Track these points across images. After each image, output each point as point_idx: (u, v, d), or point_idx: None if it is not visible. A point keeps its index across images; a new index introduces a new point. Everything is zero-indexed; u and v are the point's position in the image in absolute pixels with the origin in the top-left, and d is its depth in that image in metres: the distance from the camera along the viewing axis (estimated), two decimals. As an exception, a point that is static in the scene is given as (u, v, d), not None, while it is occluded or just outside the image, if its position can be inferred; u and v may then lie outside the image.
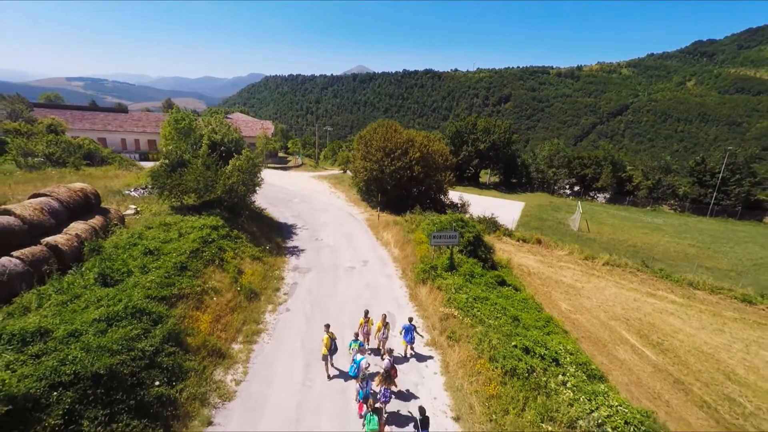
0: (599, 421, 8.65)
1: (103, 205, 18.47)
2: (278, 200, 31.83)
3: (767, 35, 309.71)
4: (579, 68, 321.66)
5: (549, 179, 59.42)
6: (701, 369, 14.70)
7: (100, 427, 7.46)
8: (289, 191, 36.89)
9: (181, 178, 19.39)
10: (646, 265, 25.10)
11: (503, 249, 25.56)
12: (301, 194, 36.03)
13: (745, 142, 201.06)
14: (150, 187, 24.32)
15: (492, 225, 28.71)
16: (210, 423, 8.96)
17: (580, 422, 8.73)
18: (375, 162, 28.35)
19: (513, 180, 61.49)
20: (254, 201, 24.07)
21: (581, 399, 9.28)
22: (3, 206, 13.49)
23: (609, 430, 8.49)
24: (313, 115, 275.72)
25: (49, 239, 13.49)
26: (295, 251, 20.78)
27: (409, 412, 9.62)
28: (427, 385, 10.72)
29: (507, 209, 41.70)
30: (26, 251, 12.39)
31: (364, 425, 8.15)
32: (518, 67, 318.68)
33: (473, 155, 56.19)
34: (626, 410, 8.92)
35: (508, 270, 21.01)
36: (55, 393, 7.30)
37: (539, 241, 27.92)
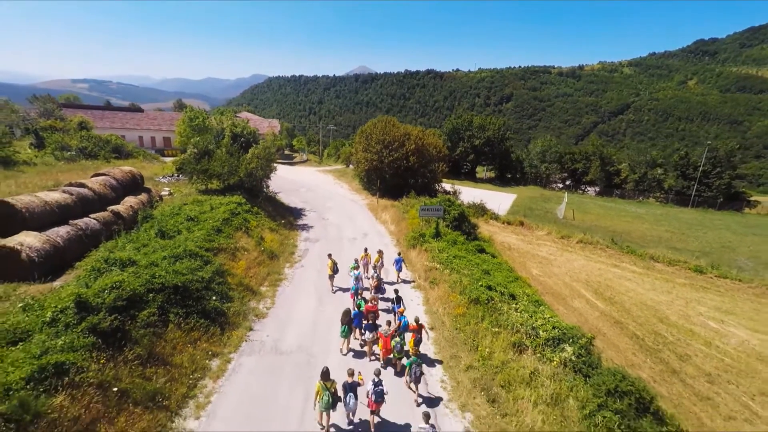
0: (533, 326, 11.92)
1: (145, 186, 21.94)
2: (287, 190, 35.18)
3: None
4: (580, 67, 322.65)
5: (542, 174, 62.55)
6: (640, 315, 17.94)
7: (180, 319, 10.84)
8: (297, 182, 40.30)
9: (208, 164, 22.83)
10: (615, 242, 28.29)
11: (488, 229, 28.82)
12: (308, 185, 39.45)
13: (746, 141, 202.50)
14: (177, 174, 27.88)
15: (480, 210, 31.97)
16: (251, 330, 12.32)
17: (521, 327, 12.00)
18: (375, 153, 31.70)
19: (508, 175, 64.61)
20: (268, 186, 27.48)
21: (524, 315, 12.56)
22: (79, 181, 16.93)
23: (541, 332, 11.75)
24: (316, 116, 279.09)
25: (113, 207, 16.99)
26: (305, 227, 24.17)
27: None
28: (412, 311, 13.98)
29: (499, 200, 44.79)
30: (99, 215, 15.88)
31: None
32: (520, 66, 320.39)
33: (469, 151, 59.39)
34: (556, 321, 12.18)
35: (489, 244, 24.25)
36: (151, 294, 10.69)
37: (522, 224, 31.17)
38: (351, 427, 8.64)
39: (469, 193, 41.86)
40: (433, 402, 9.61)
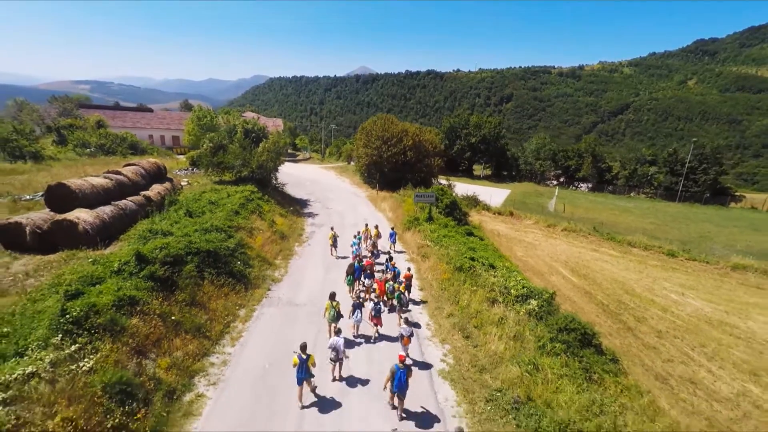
0: (506, 286, 14.24)
1: (167, 176, 24.35)
2: (292, 183, 37.43)
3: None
4: (581, 68, 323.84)
5: (536, 171, 64.83)
6: (608, 287, 20.24)
7: (213, 277, 13.20)
8: (301, 177, 42.66)
9: (223, 157, 25.23)
10: (596, 230, 30.57)
11: (479, 218, 31.13)
12: (312, 179, 41.84)
13: (744, 140, 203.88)
14: (191, 168, 30.29)
15: (473, 201, 34.30)
16: (269, 290, 14.69)
17: (495, 287, 14.31)
18: (374, 149, 34.06)
19: (504, 173, 66.92)
20: (277, 179, 29.86)
21: (499, 278, 14.88)
22: (116, 169, 19.35)
23: (512, 291, 14.06)
24: (317, 116, 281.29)
25: (144, 192, 19.41)
26: (311, 214, 26.55)
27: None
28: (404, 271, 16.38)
29: (494, 195, 47.10)
30: (134, 198, 18.30)
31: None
32: (520, 67, 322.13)
33: (466, 148, 61.72)
34: (525, 283, 14.50)
35: (478, 229, 26.55)
36: (189, 256, 13.04)
37: (511, 214, 33.48)
38: (358, 338, 11.58)
39: (465, 189, 44.11)
40: (418, 332, 12.00)
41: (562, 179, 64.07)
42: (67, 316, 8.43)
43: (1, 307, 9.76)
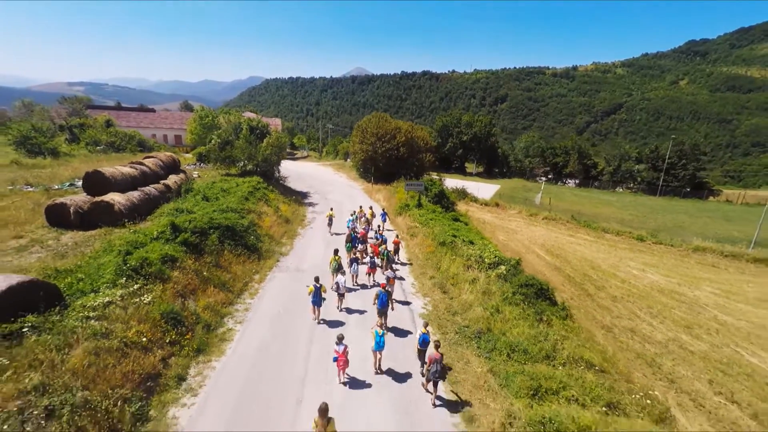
0: (480, 255, 16.73)
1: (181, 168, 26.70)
2: (293, 178, 39.89)
3: (759, 34, 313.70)
4: (574, 68, 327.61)
5: (526, 168, 67.57)
6: (577, 264, 22.80)
7: (231, 248, 15.60)
8: (301, 173, 45.07)
9: (231, 151, 27.62)
10: (574, 218, 33.19)
11: (467, 209, 33.60)
12: (311, 175, 44.27)
13: (734, 139, 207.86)
14: (198, 163, 32.59)
15: (461, 193, 36.83)
16: (278, 261, 17.12)
17: (472, 256, 16.80)
18: (369, 145, 36.51)
19: (495, 170, 69.61)
20: (279, 172, 32.27)
21: (476, 250, 17.37)
22: (139, 160, 21.70)
23: (486, 259, 16.54)
24: (314, 117, 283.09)
25: (163, 181, 21.77)
26: (311, 204, 28.99)
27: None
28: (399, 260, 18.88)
29: (484, 190, 49.63)
30: (156, 186, 20.67)
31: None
32: (514, 67, 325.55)
33: (458, 146, 64.33)
34: (498, 252, 17.00)
35: (464, 216, 29.04)
36: (211, 230, 15.45)
37: (497, 205, 36.06)
38: (356, 286, 14.39)
39: (456, 184, 46.66)
40: (404, 287, 14.49)
41: (550, 175, 66.83)
42: (128, 264, 10.85)
43: (68, 264, 12.13)
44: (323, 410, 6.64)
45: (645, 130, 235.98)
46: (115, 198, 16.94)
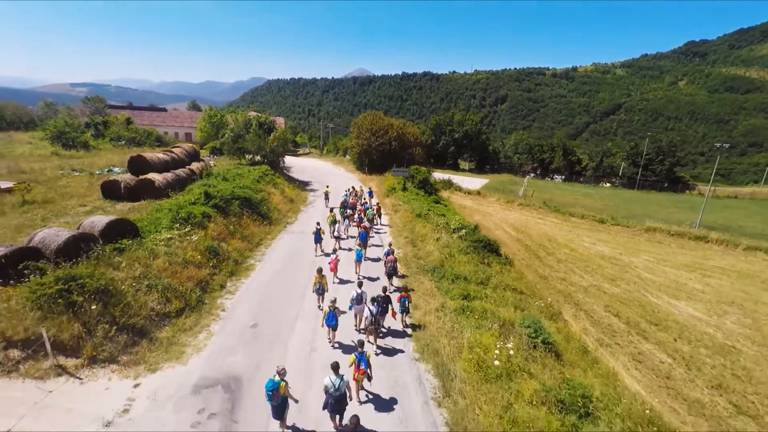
0: (447, 222, 20.89)
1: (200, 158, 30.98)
2: (296, 170, 44.26)
3: (758, 35, 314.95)
4: (574, 69, 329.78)
5: (515, 164, 71.62)
6: (536, 238, 26.92)
7: (249, 214, 19.84)
8: (303, 166, 49.38)
9: (243, 143, 31.92)
10: (546, 204, 37.29)
11: (451, 196, 37.80)
12: (312, 167, 48.55)
13: (732, 139, 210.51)
14: (211, 155, 36.86)
15: (447, 183, 41.01)
16: (285, 227, 21.36)
17: (440, 223, 20.96)
18: (365, 139, 40.77)
19: (486, 166, 73.67)
20: (284, 163, 36.54)
21: (444, 219, 21.54)
22: (169, 149, 25.97)
23: (451, 225, 20.69)
24: (315, 117, 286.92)
25: (188, 167, 26.02)
26: (313, 190, 33.26)
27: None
28: (382, 224, 23.05)
29: (473, 183, 53.76)
30: (183, 169, 24.94)
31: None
32: (515, 68, 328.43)
33: (450, 143, 68.40)
34: (462, 220, 21.17)
35: (445, 201, 33.24)
36: (233, 199, 19.70)
37: (479, 193, 40.18)
38: (346, 236, 18.56)
39: (445, 177, 50.81)
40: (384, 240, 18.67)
41: (538, 171, 70.88)
42: (179, 215, 15.13)
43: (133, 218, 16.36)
44: (319, 270, 11.11)
45: (643, 130, 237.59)
46: (155, 176, 21.19)
